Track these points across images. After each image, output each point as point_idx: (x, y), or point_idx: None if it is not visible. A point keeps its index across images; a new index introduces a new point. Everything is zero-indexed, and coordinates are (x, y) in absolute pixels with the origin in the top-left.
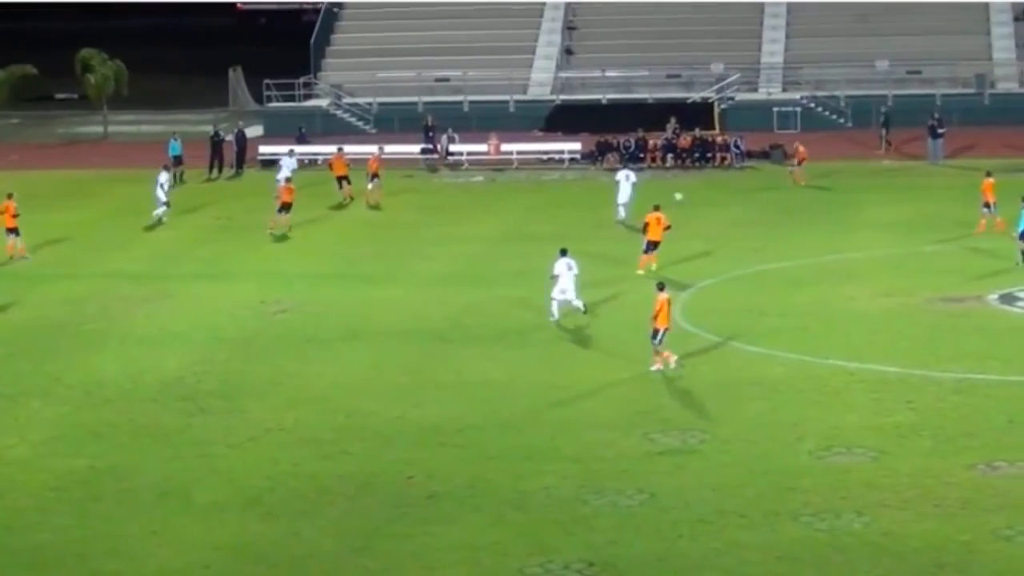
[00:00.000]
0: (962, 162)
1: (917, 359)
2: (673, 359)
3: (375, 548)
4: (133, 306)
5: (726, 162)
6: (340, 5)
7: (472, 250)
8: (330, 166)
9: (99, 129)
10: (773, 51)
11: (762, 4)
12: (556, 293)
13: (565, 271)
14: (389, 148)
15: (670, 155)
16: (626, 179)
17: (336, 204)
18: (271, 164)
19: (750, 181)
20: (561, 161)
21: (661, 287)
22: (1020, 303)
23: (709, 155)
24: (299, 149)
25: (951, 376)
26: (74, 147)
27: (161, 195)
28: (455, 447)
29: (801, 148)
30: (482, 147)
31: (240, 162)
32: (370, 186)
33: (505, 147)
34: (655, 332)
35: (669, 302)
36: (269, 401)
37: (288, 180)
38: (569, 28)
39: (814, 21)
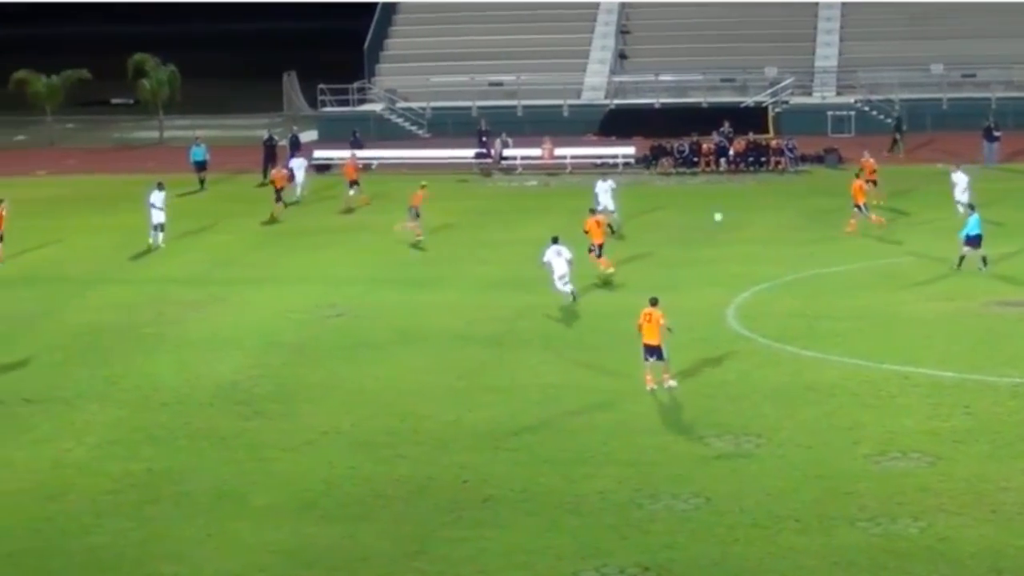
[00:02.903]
0: (1018, 165)
1: (973, 363)
2: (670, 381)
3: (430, 552)
4: (188, 310)
5: (780, 166)
6: (394, 9)
7: (525, 254)
8: (344, 171)
9: (154, 134)
10: (827, 55)
11: (816, 7)
12: (556, 281)
13: (555, 257)
14: (444, 152)
15: (723, 159)
16: (603, 182)
17: (345, 208)
18: (325, 169)
19: (804, 185)
20: (615, 165)
21: (653, 302)
22: None
23: (763, 159)
24: (358, 154)
25: (1008, 381)
26: (129, 152)
27: (153, 216)
28: (509, 451)
29: (868, 162)
30: (536, 151)
31: None
32: (351, 192)
33: (559, 151)
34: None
35: (650, 316)
36: (324, 405)
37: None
38: (623, 32)
39: (868, 24)
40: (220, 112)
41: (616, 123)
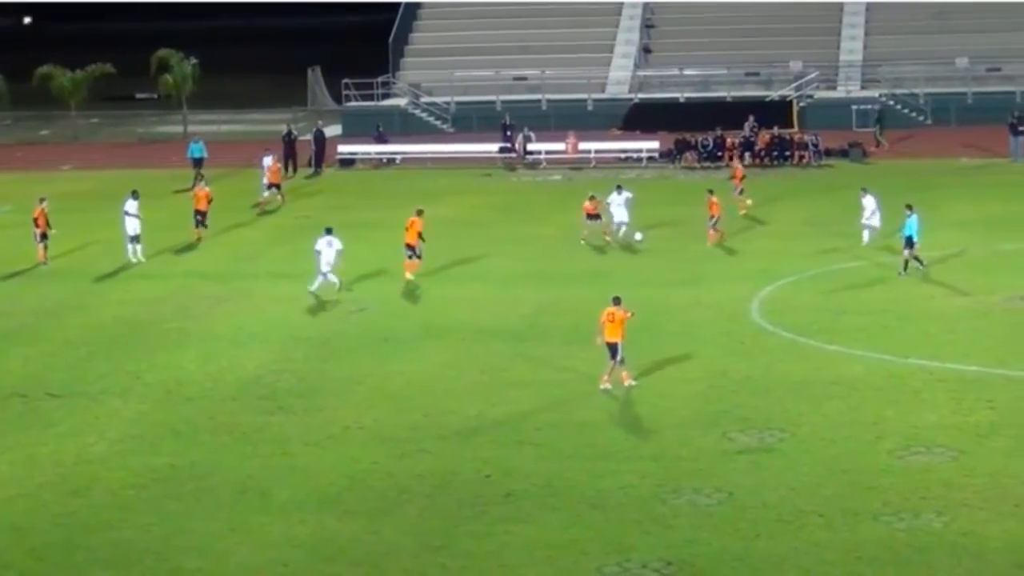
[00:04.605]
0: None
1: (996, 358)
2: (628, 380)
3: (453, 546)
4: (212, 305)
5: (804, 160)
6: (418, 4)
7: (549, 249)
8: (269, 173)
9: (178, 129)
10: (852, 49)
11: (841, 2)
12: (323, 267)
13: (325, 247)
14: (468, 147)
15: (748, 153)
16: (618, 194)
17: (262, 210)
18: (349, 163)
19: (828, 179)
20: (639, 160)
21: (616, 301)
22: None
23: (787, 153)
24: (377, 148)
25: None
26: (153, 146)
27: (128, 227)
28: (533, 445)
29: (738, 168)
30: (560, 146)
31: (319, 161)
32: (266, 194)
33: (583, 146)
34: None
35: (613, 316)
36: (347, 400)
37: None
38: (647, 26)
39: (893, 19)
40: (244, 107)
41: (640, 117)
